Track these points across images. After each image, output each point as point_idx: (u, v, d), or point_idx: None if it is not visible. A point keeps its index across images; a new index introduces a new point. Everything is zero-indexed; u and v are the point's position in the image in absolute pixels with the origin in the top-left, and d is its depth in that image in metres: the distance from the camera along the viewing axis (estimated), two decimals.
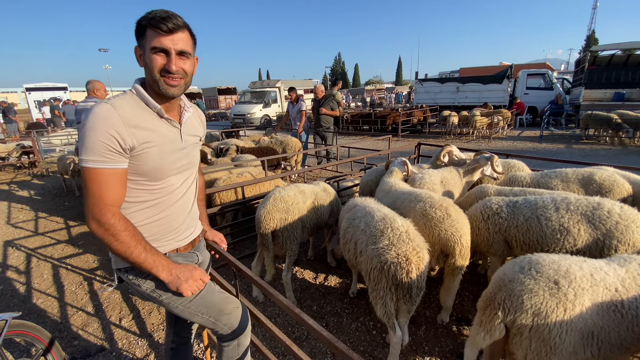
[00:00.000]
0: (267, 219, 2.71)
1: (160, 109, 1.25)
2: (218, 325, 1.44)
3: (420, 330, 2.55)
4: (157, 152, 1.24)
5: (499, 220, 2.51)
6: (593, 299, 1.53)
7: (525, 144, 10.57)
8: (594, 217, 2.25)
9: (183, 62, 1.22)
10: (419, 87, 17.91)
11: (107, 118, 1.12)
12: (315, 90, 7.48)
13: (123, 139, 1.13)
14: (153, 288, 1.32)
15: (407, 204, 2.64)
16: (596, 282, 1.56)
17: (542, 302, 1.51)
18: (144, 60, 1.20)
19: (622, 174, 3.15)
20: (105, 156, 1.12)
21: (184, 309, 1.37)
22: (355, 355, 1.02)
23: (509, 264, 1.79)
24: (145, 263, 1.20)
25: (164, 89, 1.21)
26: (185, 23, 1.20)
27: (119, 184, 1.17)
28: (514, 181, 3.40)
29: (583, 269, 1.60)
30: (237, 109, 20.43)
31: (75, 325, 2.81)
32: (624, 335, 1.55)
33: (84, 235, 4.71)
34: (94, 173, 1.12)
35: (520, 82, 15.37)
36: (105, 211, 1.13)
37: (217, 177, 4.28)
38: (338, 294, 3.08)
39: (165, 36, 1.15)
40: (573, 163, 3.91)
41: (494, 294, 1.66)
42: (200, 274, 1.35)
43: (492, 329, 1.60)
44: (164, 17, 1.13)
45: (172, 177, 1.33)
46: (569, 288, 1.52)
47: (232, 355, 1.51)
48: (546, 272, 1.58)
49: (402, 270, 1.87)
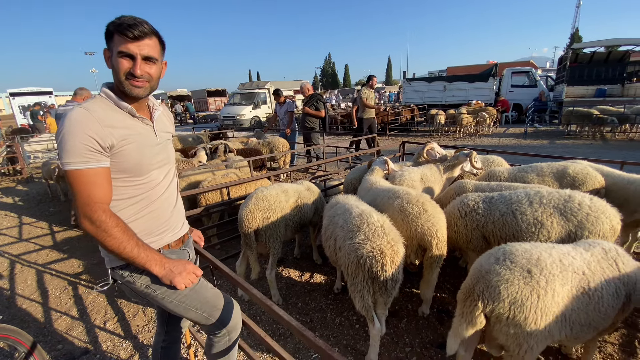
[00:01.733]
0: (249, 219, 2.74)
1: (132, 108, 1.30)
2: (210, 320, 1.49)
3: (402, 322, 2.62)
4: (136, 147, 1.29)
5: (476, 216, 2.59)
6: (563, 283, 1.62)
7: (510, 141, 10.79)
8: (565, 210, 2.34)
9: (149, 67, 1.27)
10: (407, 87, 18.10)
11: (82, 121, 1.16)
12: (302, 89, 7.48)
13: (102, 138, 1.18)
14: (148, 284, 1.37)
15: (386, 201, 2.71)
16: (565, 267, 1.65)
17: (517, 291, 1.59)
18: (111, 62, 1.25)
19: (595, 167, 3.27)
20: (87, 156, 1.16)
21: (179, 304, 1.41)
22: (320, 341, 1.07)
23: (484, 255, 1.86)
24: (138, 258, 1.24)
25: (128, 90, 1.26)
26: (153, 30, 1.25)
27: (105, 181, 1.21)
28: (493, 176, 3.50)
29: (552, 255, 1.69)
30: (227, 110, 20.36)
31: (59, 329, 2.80)
32: (592, 315, 1.65)
33: (69, 240, 4.67)
34: (78, 174, 1.16)
35: (505, 80, 15.69)
36: (95, 209, 1.17)
37: (201, 179, 4.29)
38: (323, 290, 3.13)
39: (132, 42, 1.20)
40: (549, 157, 4.03)
41: (473, 286, 1.73)
42: (193, 267, 1.40)
43: (473, 319, 1.68)
44: (130, 25, 1.18)
45: (154, 171, 1.39)
46: (540, 275, 1.60)
47: (222, 348, 1.56)
48: (520, 262, 1.66)
49: (377, 263, 1.92)
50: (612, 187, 3.05)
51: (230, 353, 1.59)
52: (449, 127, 13.06)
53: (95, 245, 4.39)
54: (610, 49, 14.48)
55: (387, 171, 3.41)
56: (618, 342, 2.32)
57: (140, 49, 1.22)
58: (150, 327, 2.75)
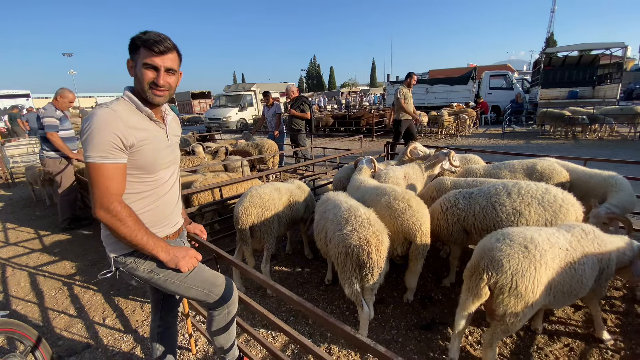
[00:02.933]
0: (244, 215, 2.90)
1: (151, 112, 1.48)
2: (211, 296, 1.64)
3: (388, 308, 2.83)
4: (152, 148, 1.45)
5: (457, 211, 2.82)
6: (552, 257, 1.88)
7: (488, 141, 11.29)
8: (544, 200, 2.58)
9: (170, 77, 1.44)
10: (391, 89, 18.54)
11: (109, 120, 1.31)
12: (287, 92, 7.60)
13: (125, 137, 1.33)
14: (151, 268, 1.51)
15: (374, 198, 2.91)
16: (552, 245, 1.91)
17: (518, 263, 1.83)
18: (135, 72, 1.41)
19: (561, 163, 3.58)
20: (111, 153, 1.31)
21: (180, 284, 1.56)
22: (319, 310, 1.26)
23: (485, 237, 2.11)
24: (147, 245, 1.40)
25: (151, 98, 1.43)
26: (175, 45, 1.43)
27: (121, 176, 1.36)
28: (470, 173, 3.78)
29: (542, 235, 1.95)
30: (212, 112, 20.30)
31: (58, 327, 2.87)
32: (574, 285, 1.93)
33: (59, 243, 4.68)
34: (100, 167, 1.30)
35: (484, 82, 16.35)
36: (112, 200, 1.32)
37: (193, 180, 4.40)
38: (315, 282, 3.31)
39: (157, 56, 1.37)
40: (522, 155, 4.35)
41: (478, 262, 1.98)
42: (194, 252, 1.57)
43: (478, 292, 1.92)
44: (157, 41, 1.35)
45: (163, 170, 1.55)
46: (535, 250, 1.86)
47: (222, 322, 1.71)
48: (517, 240, 1.92)
49: (364, 251, 2.13)
50: (576, 181, 3.37)
51: (231, 327, 1.76)
52: (432, 129, 13.51)
53: (87, 248, 4.43)
54: (581, 53, 15.32)
55: (374, 170, 3.63)
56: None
57: (164, 62, 1.39)
58: (149, 321, 2.85)
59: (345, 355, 2.36)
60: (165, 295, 1.89)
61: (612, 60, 14.42)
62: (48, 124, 4.62)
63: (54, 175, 4.93)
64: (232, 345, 1.85)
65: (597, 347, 2.29)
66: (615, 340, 2.33)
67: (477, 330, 2.52)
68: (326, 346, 2.44)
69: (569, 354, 2.25)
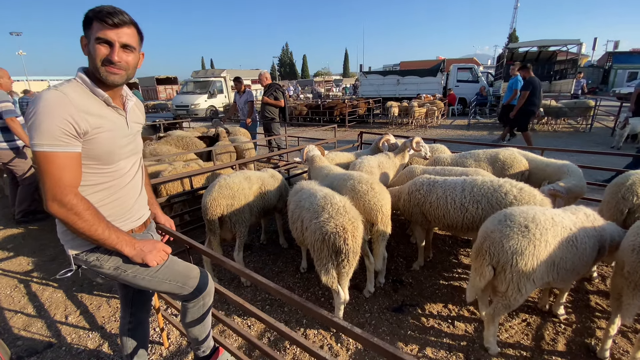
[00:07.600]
0: (213, 206, 2.83)
1: (108, 97, 1.34)
2: (185, 289, 1.57)
3: (361, 293, 2.91)
4: (108, 137, 1.33)
5: (418, 195, 2.95)
6: (554, 235, 1.99)
7: (455, 132, 11.76)
8: (492, 198, 2.64)
9: (127, 54, 1.30)
10: (364, 80, 18.68)
11: (60, 104, 1.18)
12: (260, 79, 7.40)
13: (77, 123, 1.20)
14: (117, 265, 1.41)
15: (342, 183, 2.96)
16: (555, 223, 2.02)
17: (517, 243, 1.94)
18: (88, 49, 1.28)
19: (522, 153, 3.82)
20: (62, 140, 1.18)
21: (151, 279, 1.48)
22: (295, 296, 1.27)
23: (489, 219, 2.21)
24: (109, 239, 1.29)
25: (104, 77, 1.28)
26: (132, 20, 1.30)
27: (76, 166, 1.24)
28: (438, 161, 3.94)
29: (545, 214, 2.06)
30: (180, 99, 19.41)
31: (16, 326, 2.69)
32: (577, 263, 2.07)
33: (13, 238, 4.34)
34: (51, 156, 1.17)
35: (451, 75, 16.90)
36: (66, 192, 1.20)
37: (161, 169, 4.21)
38: (290, 271, 3.33)
39: (111, 29, 1.24)
40: (486, 145, 4.58)
41: (481, 244, 2.09)
42: (162, 245, 1.49)
43: (483, 272, 2.05)
44: (110, 12, 1.22)
45: (122, 161, 1.43)
46: (536, 229, 1.97)
47: (197, 314, 1.66)
48: (518, 220, 2.02)
49: (340, 238, 2.16)
50: (534, 169, 3.62)
51: (206, 318, 1.72)
52: (402, 120, 13.82)
53: (44, 243, 4.14)
54: (541, 49, 16.20)
55: (322, 154, 3.78)
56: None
57: (118, 37, 1.25)
58: (117, 317, 2.74)
59: (321, 340, 2.41)
60: (136, 291, 1.78)
61: (568, 57, 15.41)
62: (6, 110, 4.12)
63: (11, 166, 4.50)
64: (207, 337, 1.81)
65: (552, 321, 2.51)
66: (568, 315, 2.56)
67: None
68: (302, 331, 2.49)
69: (526, 328, 2.46)
